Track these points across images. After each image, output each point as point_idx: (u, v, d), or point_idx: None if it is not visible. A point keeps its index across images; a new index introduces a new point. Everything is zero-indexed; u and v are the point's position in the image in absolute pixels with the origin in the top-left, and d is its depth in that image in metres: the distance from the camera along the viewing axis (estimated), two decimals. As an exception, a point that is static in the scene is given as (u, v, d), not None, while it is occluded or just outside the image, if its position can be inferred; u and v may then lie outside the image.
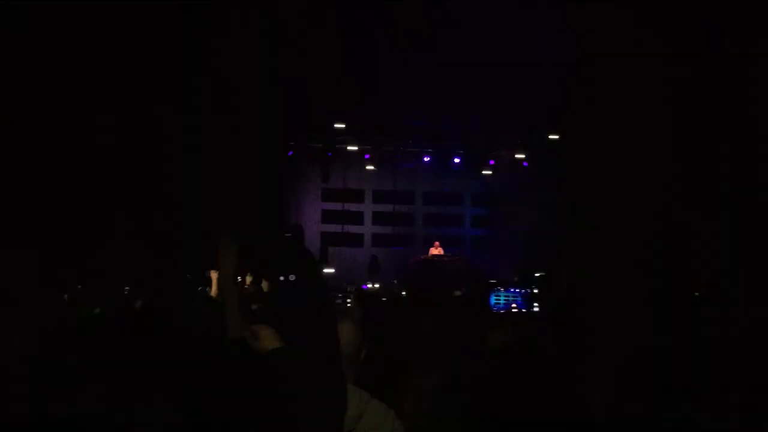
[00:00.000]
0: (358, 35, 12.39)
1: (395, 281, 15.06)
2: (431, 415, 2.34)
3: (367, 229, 18.11)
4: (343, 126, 16.06)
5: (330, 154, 16.73)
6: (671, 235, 12.33)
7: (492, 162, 17.43)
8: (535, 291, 9.56)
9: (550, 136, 16.51)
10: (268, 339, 1.90)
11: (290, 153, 16.34)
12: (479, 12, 11.99)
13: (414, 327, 3.53)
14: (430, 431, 2.32)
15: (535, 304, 9.00)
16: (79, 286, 6.25)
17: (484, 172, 17.73)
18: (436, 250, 15.78)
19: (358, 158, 17.05)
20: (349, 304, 7.58)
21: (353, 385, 2.21)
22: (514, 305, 9.26)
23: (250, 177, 13.44)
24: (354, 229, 17.84)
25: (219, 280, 2.40)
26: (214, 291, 6.17)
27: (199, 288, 6.37)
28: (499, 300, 9.45)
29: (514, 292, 9.69)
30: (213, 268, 6.19)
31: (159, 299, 5.05)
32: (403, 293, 9.65)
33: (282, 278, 1.97)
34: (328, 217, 17.62)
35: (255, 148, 13.63)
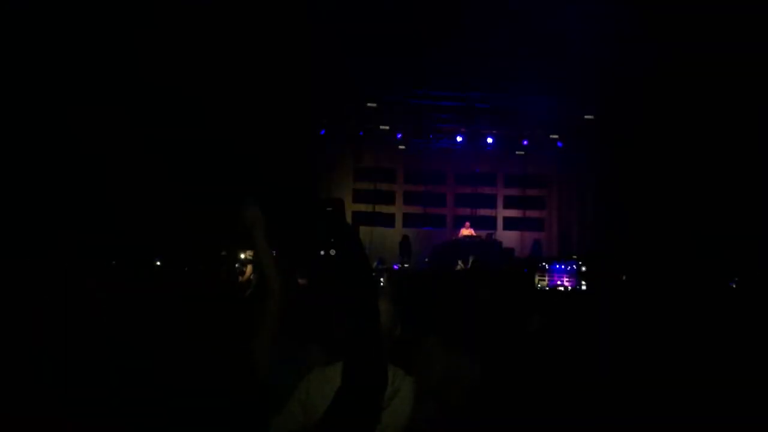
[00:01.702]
0: (389, 16, 12.26)
1: (426, 260, 15.10)
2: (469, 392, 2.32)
3: (398, 209, 18.08)
4: (375, 105, 15.99)
5: (362, 133, 16.70)
6: (709, 223, 12.16)
7: (525, 142, 17.23)
8: (584, 269, 9.35)
9: (586, 116, 16.26)
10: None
11: (322, 132, 16.34)
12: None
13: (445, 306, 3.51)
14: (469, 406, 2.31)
15: (583, 282, 8.81)
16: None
17: (517, 152, 17.54)
18: (467, 231, 15.74)
19: (391, 138, 16.98)
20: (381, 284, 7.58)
21: (389, 362, 2.21)
22: (559, 282, 9.10)
23: (283, 156, 13.50)
24: (385, 209, 17.82)
25: (257, 249, 2.41)
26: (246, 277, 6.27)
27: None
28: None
29: (560, 268, 9.49)
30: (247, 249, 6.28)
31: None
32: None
33: (323, 252, 1.97)
34: (359, 196, 17.61)
35: (288, 127, 13.67)
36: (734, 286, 6.78)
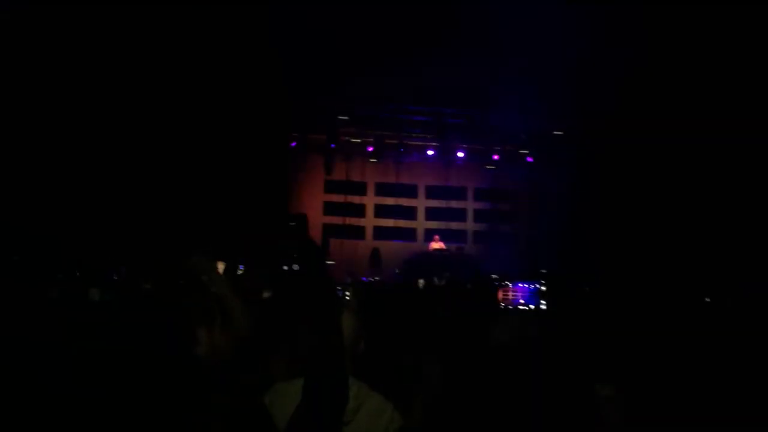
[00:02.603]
0: (361, 30, 12.33)
1: (397, 271, 15.11)
2: (430, 407, 2.33)
3: (369, 221, 18.09)
4: (346, 118, 16.02)
5: (333, 145, 16.71)
6: (681, 236, 12.34)
7: (496, 157, 17.39)
8: (543, 288, 9.52)
9: (555, 132, 16.48)
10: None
11: (293, 144, 16.30)
12: (482, 9, 11.92)
13: (414, 319, 3.52)
14: (429, 422, 2.32)
15: (543, 302, 8.96)
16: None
17: (487, 167, 17.70)
18: (436, 244, 15.80)
19: (361, 150, 17.01)
20: (348, 297, 7.58)
21: (352, 377, 2.21)
22: (522, 301, 9.23)
23: (251, 167, 13.45)
24: (356, 221, 17.81)
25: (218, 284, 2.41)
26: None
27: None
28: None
29: (522, 287, 9.66)
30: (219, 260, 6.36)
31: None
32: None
33: (286, 267, 1.97)
34: (330, 209, 17.57)
35: (257, 139, 13.63)
36: (708, 300, 6.88)
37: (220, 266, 6.60)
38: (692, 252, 11.61)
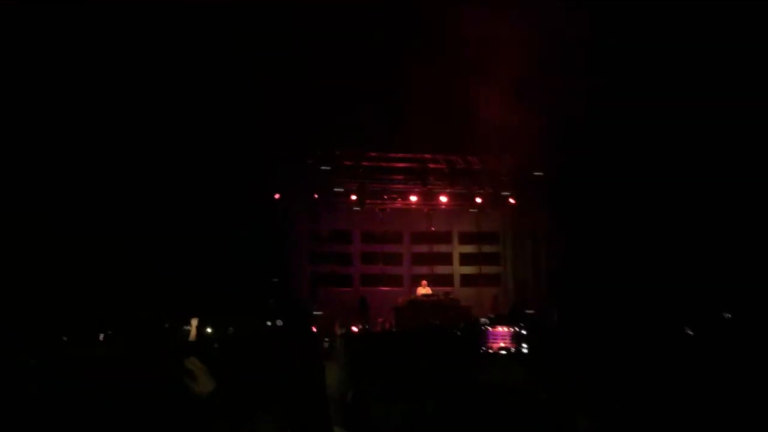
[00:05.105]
0: (340, 81, 12.53)
1: (380, 320, 15.09)
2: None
3: (355, 269, 18.10)
4: (328, 168, 16.17)
5: (316, 196, 16.81)
6: (663, 274, 12.45)
7: (479, 200, 17.56)
8: (523, 332, 9.58)
9: (535, 173, 16.67)
10: (202, 380, 1.95)
11: (277, 196, 16.39)
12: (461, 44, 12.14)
13: (401, 366, 3.56)
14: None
15: (524, 345, 9.01)
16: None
17: (470, 210, 17.85)
18: (423, 290, 15.81)
19: (346, 200, 17.14)
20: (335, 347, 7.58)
21: (340, 427, 2.25)
22: (503, 344, 9.27)
23: (236, 221, 13.48)
24: (343, 269, 17.82)
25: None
26: (192, 335, 6.63)
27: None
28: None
29: (503, 332, 9.72)
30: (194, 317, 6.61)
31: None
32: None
33: (269, 323, 2.02)
34: (315, 258, 17.59)
35: (240, 193, 13.68)
36: (691, 333, 6.95)
37: (194, 322, 6.81)
38: (672, 289, 11.73)
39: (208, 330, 7.92)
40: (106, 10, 10.06)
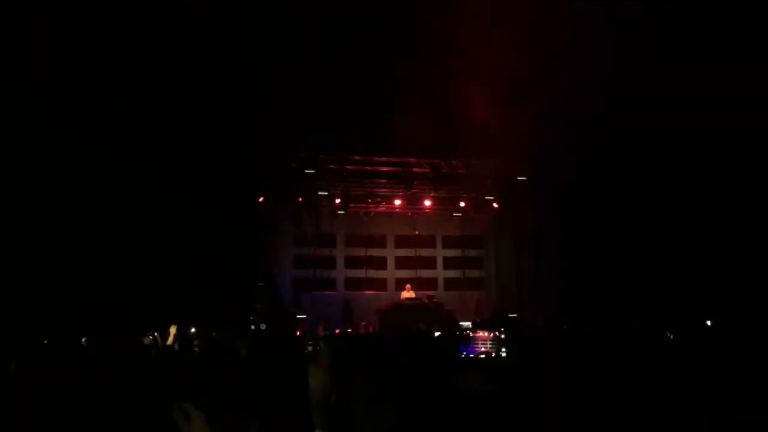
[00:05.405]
0: (326, 82, 12.54)
1: (364, 323, 15.10)
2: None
3: (339, 273, 18.09)
4: (313, 171, 16.15)
5: (300, 199, 16.78)
6: (648, 280, 12.55)
7: (463, 204, 17.62)
8: (503, 336, 9.62)
9: (519, 177, 16.74)
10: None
11: (261, 199, 16.34)
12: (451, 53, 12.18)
13: (383, 369, 3.57)
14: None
15: (503, 349, 9.05)
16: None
17: (454, 214, 17.91)
18: (407, 293, 15.84)
19: (330, 203, 17.13)
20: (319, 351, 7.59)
21: (322, 430, 2.25)
22: (483, 348, 9.31)
23: (219, 226, 13.42)
24: (326, 273, 17.80)
25: None
26: (170, 341, 6.77)
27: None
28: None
29: (483, 336, 9.76)
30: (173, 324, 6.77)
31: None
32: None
33: (253, 327, 2.03)
34: (300, 262, 17.57)
35: (224, 197, 13.63)
36: (672, 337, 6.99)
37: (172, 330, 6.91)
38: (657, 295, 11.84)
39: (192, 330, 7.96)
40: (104, 10, 10.02)
